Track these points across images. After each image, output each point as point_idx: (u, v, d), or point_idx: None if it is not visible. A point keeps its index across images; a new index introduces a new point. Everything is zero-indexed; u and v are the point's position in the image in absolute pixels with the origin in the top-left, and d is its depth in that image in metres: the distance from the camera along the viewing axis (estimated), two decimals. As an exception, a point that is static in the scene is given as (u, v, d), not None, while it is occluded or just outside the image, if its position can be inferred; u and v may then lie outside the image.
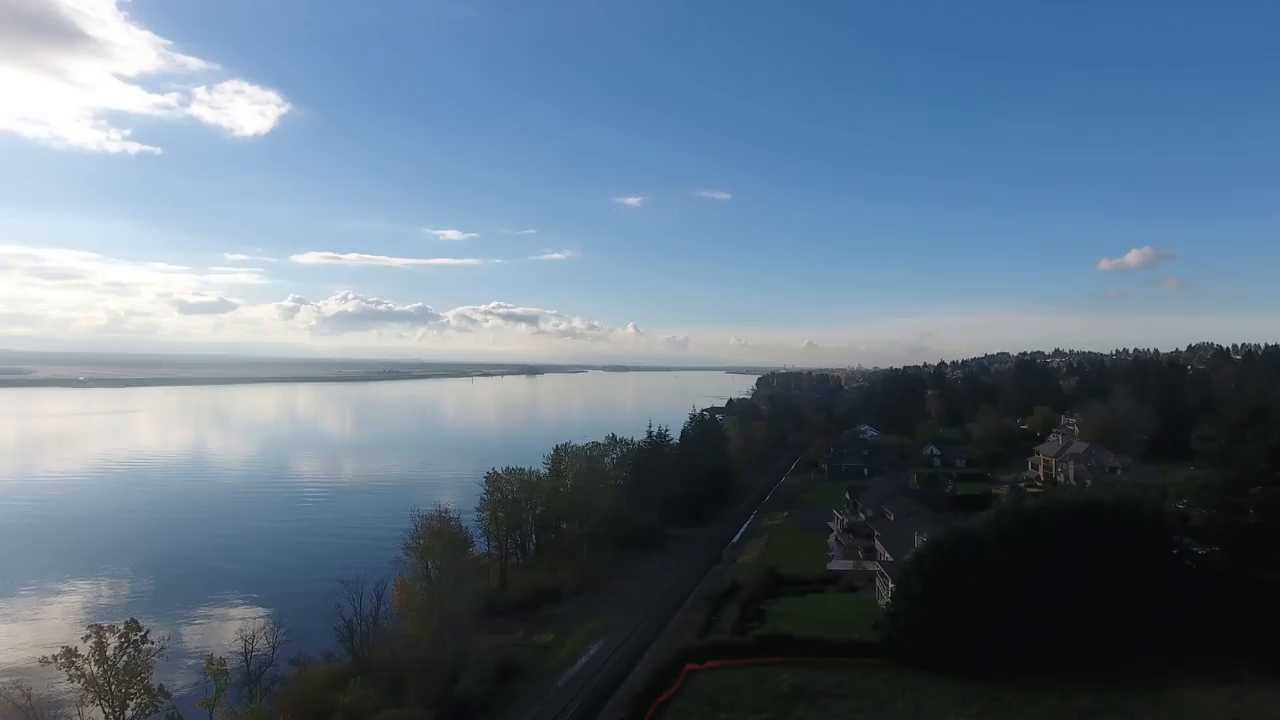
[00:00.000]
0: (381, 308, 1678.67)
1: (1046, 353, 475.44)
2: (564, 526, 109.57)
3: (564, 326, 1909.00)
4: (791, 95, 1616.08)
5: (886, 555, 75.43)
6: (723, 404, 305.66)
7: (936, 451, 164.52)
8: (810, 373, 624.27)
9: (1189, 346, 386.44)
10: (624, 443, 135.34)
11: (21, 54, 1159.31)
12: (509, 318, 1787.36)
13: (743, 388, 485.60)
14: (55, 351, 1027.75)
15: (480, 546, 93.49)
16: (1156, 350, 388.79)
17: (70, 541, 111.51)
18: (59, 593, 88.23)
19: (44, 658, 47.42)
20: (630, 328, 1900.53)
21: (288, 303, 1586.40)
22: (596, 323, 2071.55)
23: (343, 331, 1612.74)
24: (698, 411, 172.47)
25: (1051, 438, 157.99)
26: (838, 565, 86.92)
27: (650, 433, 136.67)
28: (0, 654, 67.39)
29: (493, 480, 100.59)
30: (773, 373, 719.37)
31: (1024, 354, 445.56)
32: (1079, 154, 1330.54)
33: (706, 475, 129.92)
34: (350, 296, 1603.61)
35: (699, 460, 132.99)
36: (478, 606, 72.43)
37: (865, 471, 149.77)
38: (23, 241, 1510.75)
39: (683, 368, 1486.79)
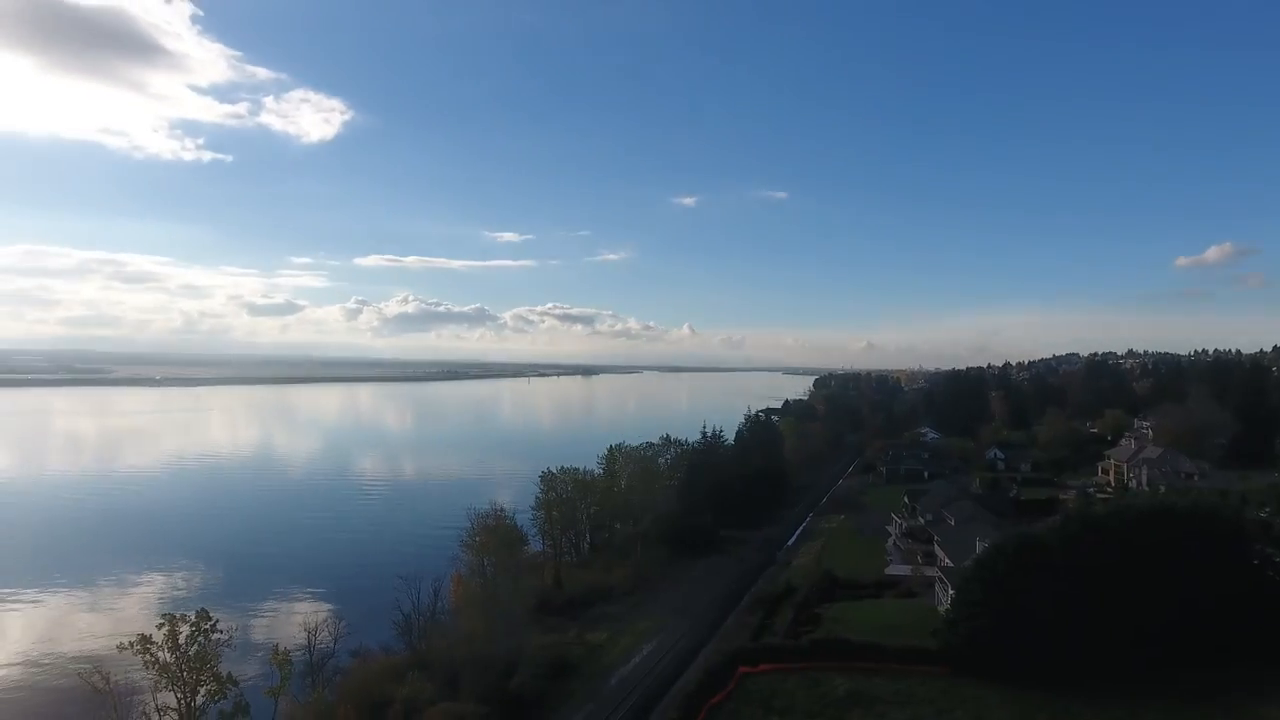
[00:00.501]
0: (440, 309, 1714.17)
1: (1119, 353, 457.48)
2: (617, 526, 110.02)
3: (619, 327, 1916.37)
4: (849, 92, 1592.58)
5: (946, 560, 73.69)
6: (778, 405, 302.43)
7: (1000, 455, 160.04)
8: (869, 373, 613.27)
9: (1274, 347, 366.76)
10: (678, 443, 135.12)
11: (104, 69, 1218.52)
12: (565, 318, 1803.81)
13: (799, 388, 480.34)
14: (133, 352, 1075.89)
15: (535, 545, 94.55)
16: (1238, 351, 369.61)
17: (146, 534, 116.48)
18: (136, 583, 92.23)
19: (121, 644, 49.48)
20: (685, 328, 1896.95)
21: (351, 304, 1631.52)
22: (652, 323, 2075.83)
23: (403, 332, 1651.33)
24: (753, 412, 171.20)
25: (1123, 442, 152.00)
26: (896, 570, 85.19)
27: (704, 433, 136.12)
28: (81, 641, 70.66)
29: (547, 479, 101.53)
30: (830, 373, 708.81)
31: (1094, 354, 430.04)
32: (1154, 147, 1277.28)
33: (761, 476, 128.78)
34: (410, 298, 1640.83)
35: (753, 461, 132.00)
36: (532, 604, 73.19)
37: (925, 475, 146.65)
38: (104, 247, 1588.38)
39: (738, 368, 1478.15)
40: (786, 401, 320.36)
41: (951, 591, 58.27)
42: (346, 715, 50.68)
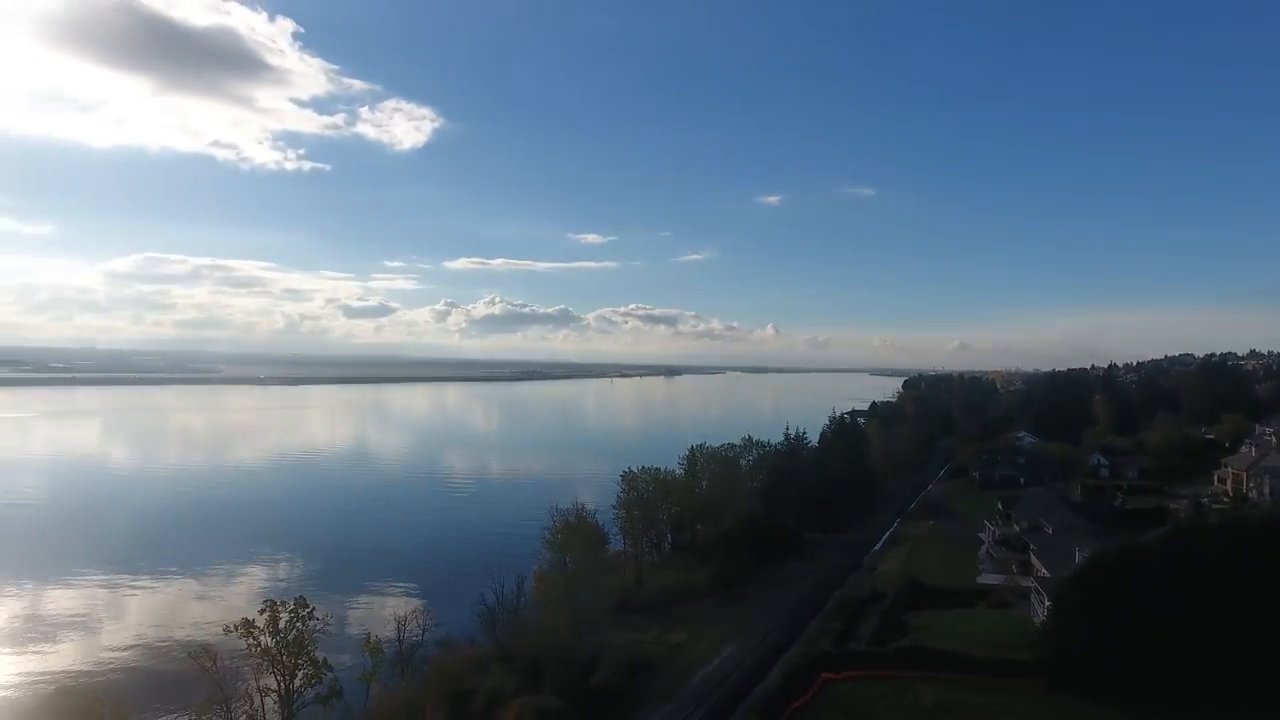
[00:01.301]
0: (526, 310, 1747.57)
1: (1239, 354, 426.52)
2: (699, 527, 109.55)
3: (702, 328, 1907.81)
4: (938, 85, 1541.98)
5: (1043, 571, 70.50)
6: (865, 407, 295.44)
7: (1104, 461, 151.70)
8: (962, 375, 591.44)
9: None
10: (760, 444, 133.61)
11: (215, 86, 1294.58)
12: (647, 319, 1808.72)
13: (887, 390, 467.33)
14: (240, 352, 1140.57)
15: (616, 543, 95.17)
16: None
17: (250, 525, 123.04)
18: (240, 571, 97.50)
19: (227, 628, 52.42)
20: (769, 328, 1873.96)
21: (440, 306, 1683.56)
22: (735, 324, 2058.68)
23: (489, 333, 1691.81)
24: (838, 414, 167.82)
25: (1243, 449, 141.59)
26: (988, 579, 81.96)
27: (788, 435, 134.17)
28: (192, 624, 75.06)
29: (629, 479, 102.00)
30: (920, 374, 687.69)
31: (1211, 355, 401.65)
32: (1276, 127, 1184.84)
33: (846, 479, 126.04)
34: (497, 300, 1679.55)
35: (838, 464, 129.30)
36: (612, 602, 73.70)
37: (1021, 481, 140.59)
38: (214, 254, 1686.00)
39: (823, 369, 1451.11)
40: (873, 403, 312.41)
41: (1048, 603, 55.68)
42: (433, 703, 52.18)
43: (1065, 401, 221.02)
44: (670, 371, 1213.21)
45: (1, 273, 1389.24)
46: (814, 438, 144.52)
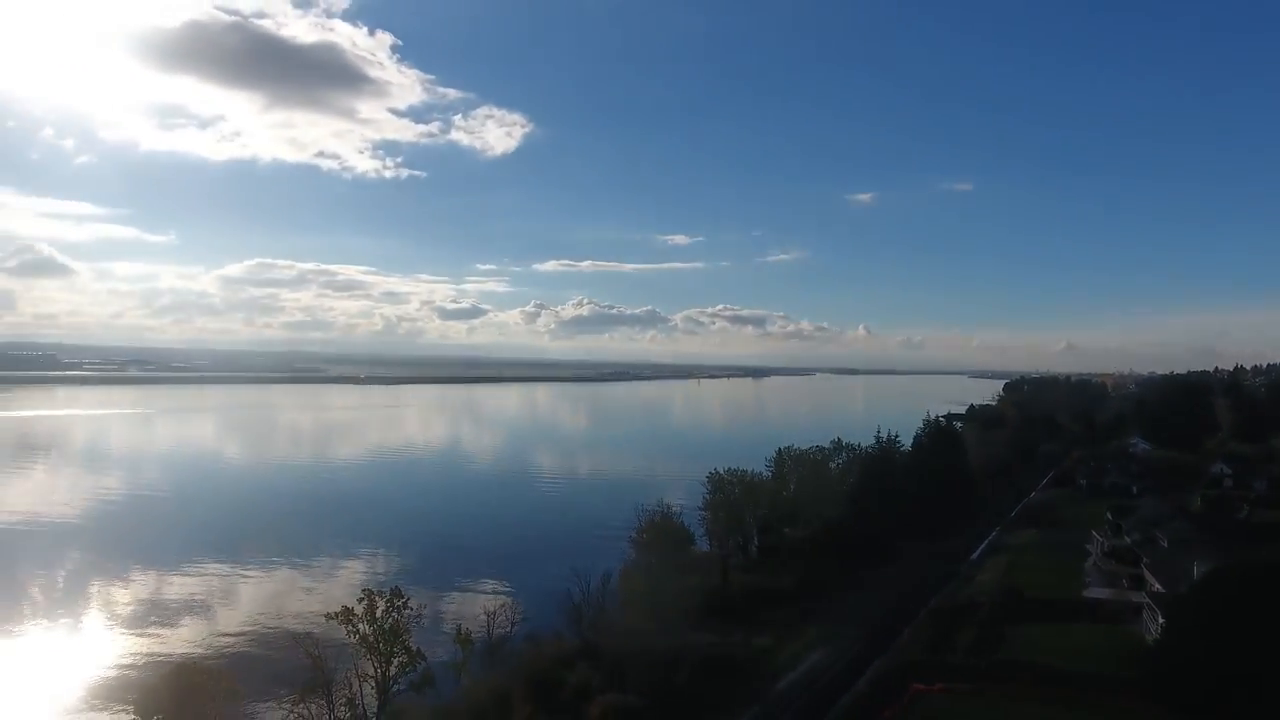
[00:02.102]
0: (613, 312, 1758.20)
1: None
2: (786, 531, 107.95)
3: (791, 329, 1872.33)
4: (1041, 73, 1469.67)
5: (1156, 586, 66.35)
6: (962, 410, 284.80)
7: (1227, 470, 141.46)
8: (1068, 377, 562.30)
9: None
10: (850, 447, 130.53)
11: (320, 100, 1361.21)
12: (735, 320, 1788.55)
13: (986, 393, 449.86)
14: (342, 353, 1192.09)
15: (701, 545, 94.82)
16: None
17: (349, 518, 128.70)
18: (341, 561, 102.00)
19: (328, 615, 54.80)
20: (861, 329, 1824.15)
21: (529, 308, 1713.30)
22: (825, 324, 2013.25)
23: (577, 334, 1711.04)
24: (933, 417, 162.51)
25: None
26: (1095, 593, 77.68)
27: (879, 438, 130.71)
28: (296, 611, 78.97)
29: (714, 480, 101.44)
30: (1023, 377, 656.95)
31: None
32: None
33: (942, 485, 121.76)
34: (585, 301, 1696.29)
35: (933, 469, 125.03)
36: (697, 603, 73.37)
37: (1132, 490, 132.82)
38: (319, 259, 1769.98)
39: (918, 371, 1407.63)
40: (971, 406, 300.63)
41: (1162, 620, 52.35)
42: (520, 695, 53.20)
43: (1183, 406, 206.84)
44: (758, 373, 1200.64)
45: (129, 279, 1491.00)
46: (907, 441, 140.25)
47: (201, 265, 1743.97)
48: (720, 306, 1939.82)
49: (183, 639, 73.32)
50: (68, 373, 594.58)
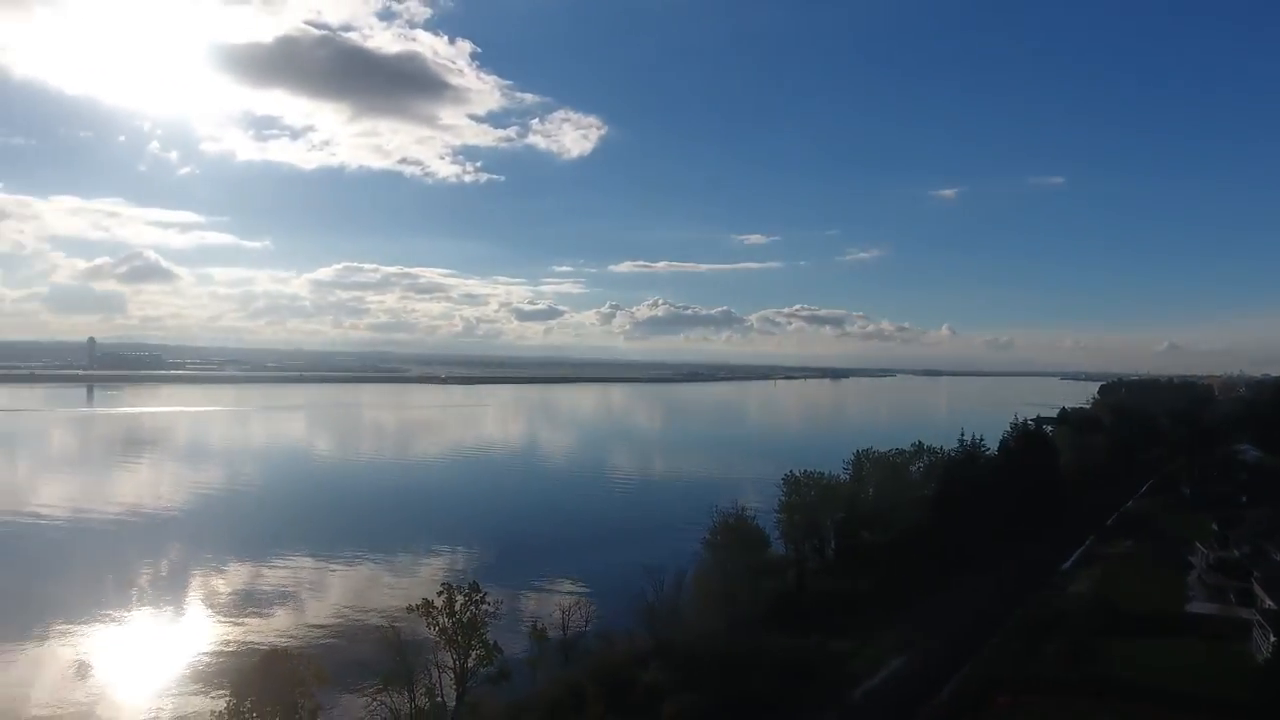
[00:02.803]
0: (688, 312, 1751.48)
1: None
2: (864, 535, 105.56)
3: (870, 329, 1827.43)
4: (1143, 62, 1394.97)
5: (1268, 602, 62.06)
6: (1053, 413, 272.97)
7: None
8: (1170, 380, 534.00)
9: None
10: (932, 451, 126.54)
11: (403, 108, 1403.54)
12: (812, 320, 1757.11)
13: (1080, 395, 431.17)
14: (424, 353, 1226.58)
15: (777, 547, 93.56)
16: None
17: (430, 514, 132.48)
18: (421, 555, 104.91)
19: (409, 607, 56.36)
20: (944, 329, 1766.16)
21: (605, 309, 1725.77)
22: (906, 324, 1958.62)
23: (652, 335, 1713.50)
24: (1021, 420, 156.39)
25: None
26: (1199, 608, 73.34)
27: (962, 441, 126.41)
28: (380, 603, 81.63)
29: (790, 482, 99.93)
30: (1119, 379, 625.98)
31: None
32: None
33: (1030, 491, 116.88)
34: (660, 302, 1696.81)
35: (1021, 474, 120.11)
36: (772, 606, 72.51)
37: (1241, 499, 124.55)
38: (402, 263, 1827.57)
39: (1005, 372, 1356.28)
40: (1063, 410, 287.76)
41: (1274, 638, 48.87)
42: (594, 692, 53.56)
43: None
44: (836, 374, 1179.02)
45: (227, 283, 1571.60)
46: (993, 445, 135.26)
47: (293, 269, 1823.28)
48: (797, 306, 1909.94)
49: (274, 626, 76.76)
50: (172, 372, 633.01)
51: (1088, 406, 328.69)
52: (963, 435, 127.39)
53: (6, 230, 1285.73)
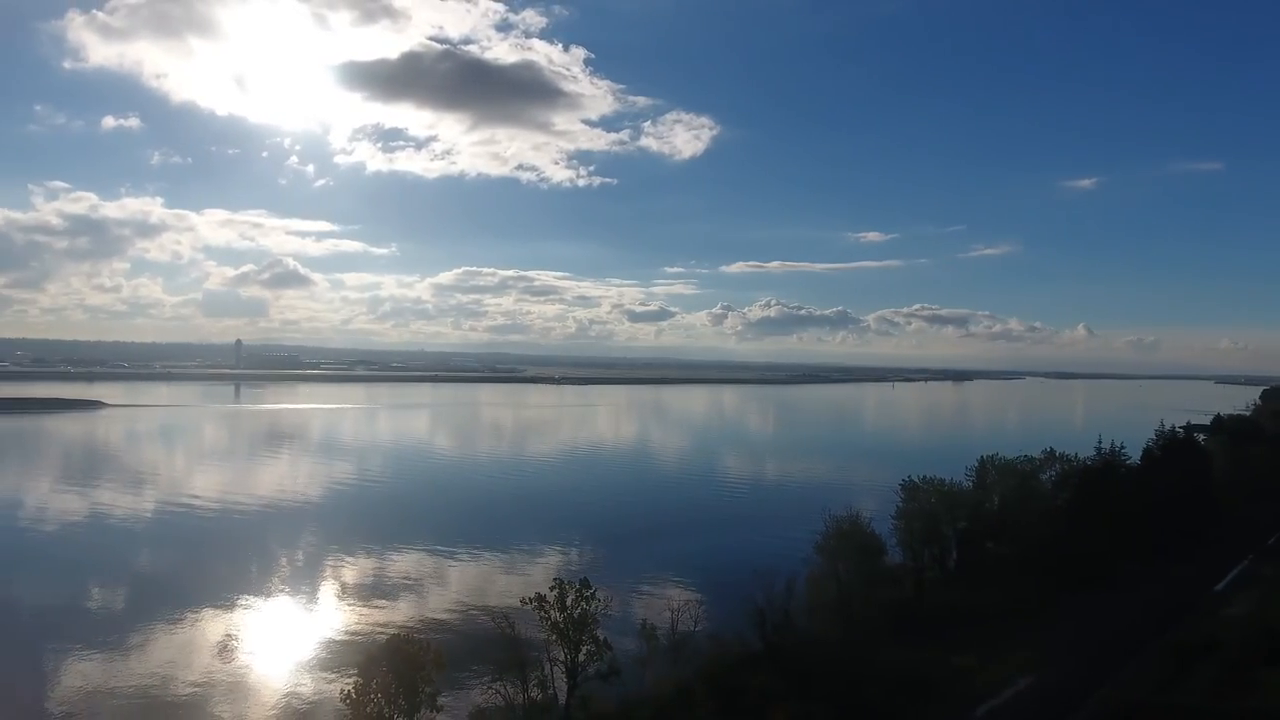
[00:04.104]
0: (802, 313, 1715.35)
1: None
2: (989, 545, 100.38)
3: (997, 329, 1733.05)
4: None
5: None
6: (1206, 420, 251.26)
7: None
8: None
9: None
10: (1065, 459, 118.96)
11: (519, 115, 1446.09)
12: (933, 320, 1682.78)
13: (1238, 401, 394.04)
14: (539, 354, 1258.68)
15: (894, 555, 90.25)
16: None
17: (544, 510, 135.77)
18: (535, 550, 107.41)
19: (523, 600, 57.75)
20: (1080, 329, 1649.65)
21: (716, 310, 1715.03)
22: (1037, 324, 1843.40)
23: (764, 336, 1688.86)
24: (1168, 428, 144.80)
25: None
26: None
27: (1099, 449, 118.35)
28: (495, 595, 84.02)
29: (908, 488, 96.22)
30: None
31: None
32: None
33: (1178, 504, 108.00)
34: (773, 303, 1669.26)
35: (1168, 486, 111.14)
36: (888, 616, 69.94)
37: None
38: (518, 266, 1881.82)
39: (1149, 375, 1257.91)
40: (1218, 416, 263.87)
41: None
42: (702, 694, 53.16)
43: None
44: (959, 376, 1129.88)
45: (357, 288, 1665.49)
46: (1135, 454, 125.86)
47: (417, 274, 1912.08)
48: (917, 306, 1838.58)
49: (397, 613, 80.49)
50: (308, 371, 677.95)
51: (1247, 413, 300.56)
52: (1100, 442, 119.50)
53: (167, 242, 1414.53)
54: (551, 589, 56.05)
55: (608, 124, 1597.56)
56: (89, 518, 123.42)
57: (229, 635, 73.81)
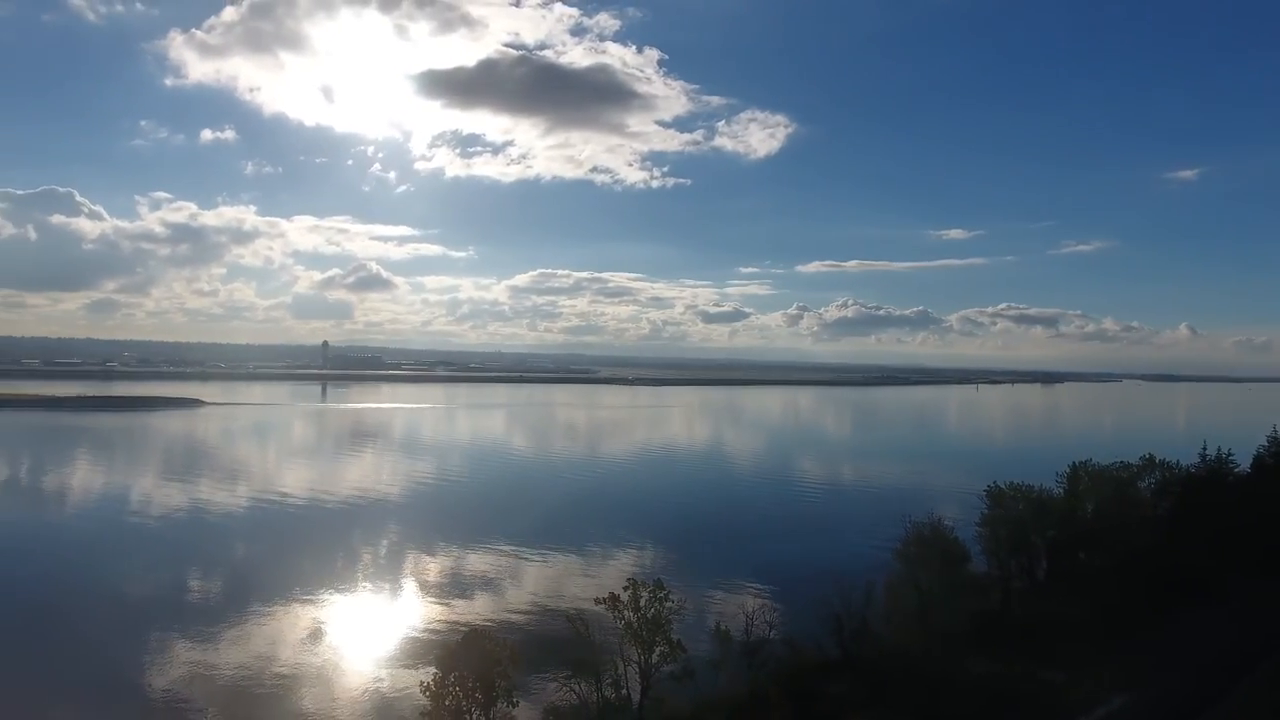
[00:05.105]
0: (880, 313, 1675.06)
1: None
2: (1081, 555, 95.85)
3: (1090, 329, 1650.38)
4: None
5: None
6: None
7: None
8: None
9: None
10: (1165, 466, 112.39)
11: (594, 118, 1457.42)
12: (1021, 320, 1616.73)
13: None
14: (613, 355, 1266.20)
15: (978, 563, 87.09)
16: None
17: (618, 510, 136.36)
18: (609, 550, 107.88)
19: (597, 600, 58.01)
20: (1182, 328, 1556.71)
21: (792, 310, 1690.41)
22: (1135, 323, 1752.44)
23: (841, 337, 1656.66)
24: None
25: None
26: None
27: (1204, 456, 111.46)
28: (569, 593, 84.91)
29: (994, 495, 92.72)
30: None
31: None
32: None
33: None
34: (850, 303, 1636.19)
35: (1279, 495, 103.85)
36: (972, 626, 67.44)
37: None
38: (593, 268, 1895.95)
39: (1262, 378, 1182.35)
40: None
41: None
42: (777, 700, 52.32)
43: None
44: (1049, 378, 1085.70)
45: (436, 291, 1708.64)
46: (1244, 461, 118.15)
47: (494, 277, 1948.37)
48: (1003, 305, 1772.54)
49: (473, 608, 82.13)
50: (390, 371, 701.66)
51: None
52: (1205, 449, 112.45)
53: (259, 248, 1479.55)
54: (625, 589, 56.11)
55: (681, 124, 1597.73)
56: (189, 510, 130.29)
57: (316, 625, 76.80)
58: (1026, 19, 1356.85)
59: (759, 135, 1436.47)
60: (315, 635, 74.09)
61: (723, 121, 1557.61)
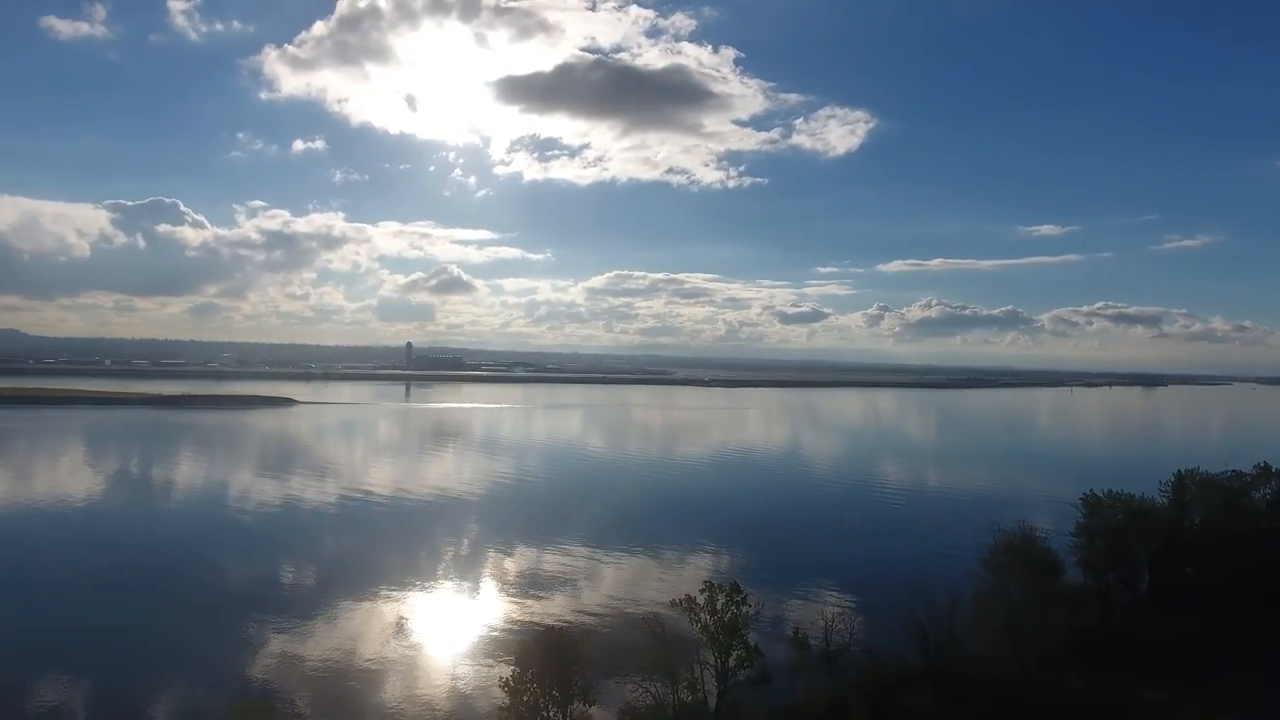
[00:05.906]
0: (966, 313, 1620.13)
1: None
2: (1188, 570, 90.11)
3: (1196, 329, 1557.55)
4: None
5: None
6: None
7: None
8: None
9: None
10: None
11: (670, 119, 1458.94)
12: (1119, 319, 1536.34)
13: None
14: (688, 356, 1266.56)
15: (1072, 575, 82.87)
16: None
17: (695, 513, 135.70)
18: (685, 552, 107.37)
19: (673, 602, 57.67)
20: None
21: (872, 310, 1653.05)
22: (1247, 323, 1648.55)
23: (924, 337, 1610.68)
24: None
25: None
26: None
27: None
28: (646, 595, 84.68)
29: (1090, 503, 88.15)
30: None
31: None
32: None
33: None
34: (934, 302, 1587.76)
35: None
36: (1067, 641, 64.13)
37: None
38: (668, 269, 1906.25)
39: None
40: None
41: None
42: (857, 709, 50.94)
43: None
44: (1151, 380, 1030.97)
45: (515, 293, 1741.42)
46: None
47: (571, 279, 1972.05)
48: (1099, 304, 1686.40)
49: (551, 606, 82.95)
50: (471, 372, 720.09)
51: None
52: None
53: (347, 253, 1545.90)
54: (701, 591, 55.63)
55: (758, 123, 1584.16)
56: (282, 503, 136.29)
57: (400, 617, 79.04)
58: (1119, 9, 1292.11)
59: (838, 132, 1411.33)
60: (398, 628, 76.17)
61: (800, 119, 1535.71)
